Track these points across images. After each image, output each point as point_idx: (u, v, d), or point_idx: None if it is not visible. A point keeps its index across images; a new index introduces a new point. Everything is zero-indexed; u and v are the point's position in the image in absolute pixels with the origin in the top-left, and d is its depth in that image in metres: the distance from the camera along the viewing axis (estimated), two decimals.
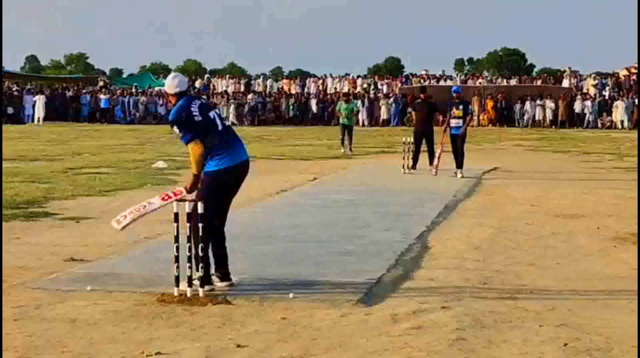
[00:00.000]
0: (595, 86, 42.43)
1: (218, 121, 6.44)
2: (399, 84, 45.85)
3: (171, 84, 6.50)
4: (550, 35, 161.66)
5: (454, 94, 16.48)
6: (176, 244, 6.09)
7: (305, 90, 46.28)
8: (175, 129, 6.36)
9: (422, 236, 8.93)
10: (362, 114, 39.81)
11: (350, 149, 21.99)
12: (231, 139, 6.49)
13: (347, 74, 48.69)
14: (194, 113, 6.33)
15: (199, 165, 6.32)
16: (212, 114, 6.45)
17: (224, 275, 6.47)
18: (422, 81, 44.19)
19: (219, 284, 6.42)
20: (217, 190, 6.36)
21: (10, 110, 38.48)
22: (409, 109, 33.26)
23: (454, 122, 15.99)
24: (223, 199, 6.46)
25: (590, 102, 39.21)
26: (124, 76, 68.86)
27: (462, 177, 15.25)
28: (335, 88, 45.66)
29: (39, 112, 40.63)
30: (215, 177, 6.34)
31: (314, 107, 42.38)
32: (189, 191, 6.37)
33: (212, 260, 6.42)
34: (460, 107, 16.06)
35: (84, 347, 4.99)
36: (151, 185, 13.99)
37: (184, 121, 6.30)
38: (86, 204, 11.55)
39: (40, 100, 41.11)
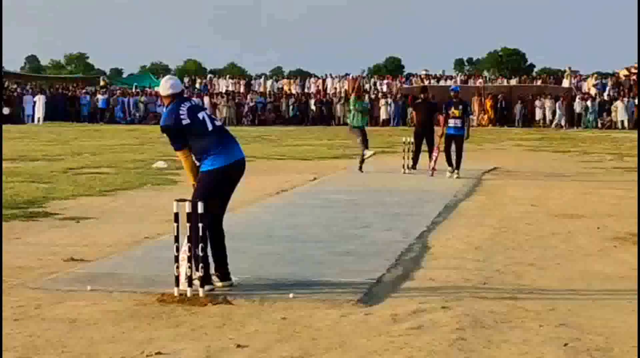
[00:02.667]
0: (595, 86, 42.45)
1: (208, 122, 6.48)
2: (399, 84, 45.88)
3: (164, 87, 6.58)
4: (550, 35, 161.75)
5: (452, 93, 16.11)
6: (176, 244, 6.09)
7: (305, 90, 46.30)
8: (166, 136, 6.48)
9: (422, 236, 8.92)
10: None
11: (363, 160, 16.49)
12: (225, 138, 6.51)
13: (347, 74, 48.71)
14: (182, 116, 6.39)
15: (192, 173, 6.45)
16: (201, 115, 6.49)
17: (224, 275, 6.47)
18: (422, 81, 44.22)
19: (218, 284, 6.42)
20: (214, 189, 6.38)
21: (6, 111, 38.24)
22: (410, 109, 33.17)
23: (452, 123, 15.65)
24: (221, 198, 6.48)
25: (590, 102, 39.23)
26: (124, 76, 68.88)
27: (458, 177, 15.13)
28: (335, 88, 45.70)
29: (39, 112, 40.65)
30: (212, 176, 6.37)
31: (313, 107, 42.40)
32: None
33: (211, 260, 6.43)
34: (460, 107, 15.70)
35: (84, 347, 4.99)
36: (151, 185, 14.00)
37: (173, 128, 6.39)
38: (86, 204, 11.55)
39: (40, 100, 41.12)
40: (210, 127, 6.45)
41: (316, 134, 31.48)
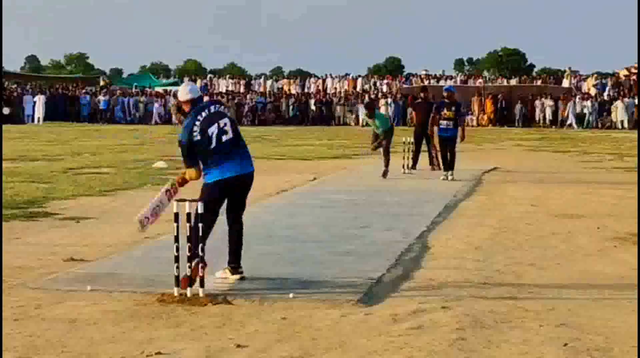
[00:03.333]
0: (595, 86, 42.46)
1: (214, 139, 6.53)
2: (399, 84, 45.89)
3: (183, 92, 6.75)
4: (550, 35, 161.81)
5: (446, 93, 15.55)
6: (176, 244, 6.10)
7: (305, 90, 46.32)
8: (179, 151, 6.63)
9: (422, 236, 8.93)
10: (362, 113, 39.81)
11: (386, 171, 15.20)
12: (224, 155, 6.56)
13: (347, 74, 48.70)
14: (194, 133, 6.51)
15: (189, 180, 6.69)
16: (211, 130, 6.54)
17: (234, 269, 6.67)
18: (422, 81, 44.23)
19: (232, 278, 6.60)
20: (209, 200, 6.46)
21: (6, 111, 38.32)
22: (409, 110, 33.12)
23: (444, 124, 15.01)
24: (219, 207, 6.66)
25: (590, 102, 39.22)
26: (124, 76, 68.91)
27: (452, 180, 14.67)
28: (335, 88, 45.72)
29: (39, 112, 40.69)
30: (211, 189, 6.55)
31: (313, 107, 42.42)
32: (180, 185, 6.75)
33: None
34: (452, 108, 15.08)
35: (84, 347, 5.00)
36: (151, 185, 13.99)
37: (185, 145, 6.53)
38: (86, 204, 11.55)
39: (40, 100, 41.14)
40: (214, 144, 6.51)
41: (316, 134, 31.47)
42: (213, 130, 6.55)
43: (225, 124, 6.65)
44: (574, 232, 9.31)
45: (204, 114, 6.58)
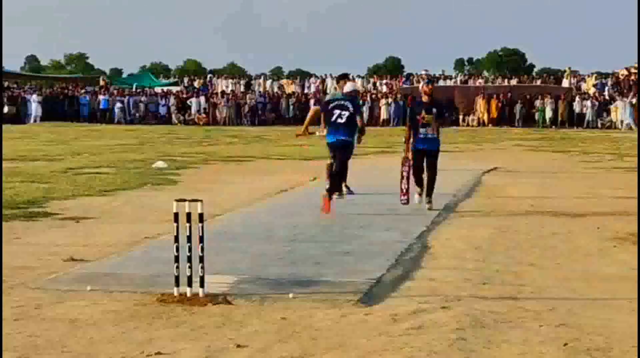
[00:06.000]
0: (595, 86, 42.48)
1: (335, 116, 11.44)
2: (400, 84, 45.90)
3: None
4: (550, 35, 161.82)
5: (424, 89, 11.25)
6: (176, 244, 6.09)
7: (305, 90, 46.32)
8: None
9: (422, 236, 8.92)
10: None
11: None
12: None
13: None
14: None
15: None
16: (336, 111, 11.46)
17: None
18: (422, 81, 44.21)
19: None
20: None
21: (6, 109, 38.40)
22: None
23: (422, 132, 11.00)
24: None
25: (590, 102, 39.24)
26: (124, 76, 68.89)
27: (430, 208, 10.90)
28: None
29: (35, 111, 40.80)
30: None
31: (313, 108, 42.43)
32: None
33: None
34: (433, 111, 10.95)
35: (84, 347, 4.99)
36: (151, 185, 14.00)
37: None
38: (86, 204, 11.55)
39: (34, 100, 41.23)
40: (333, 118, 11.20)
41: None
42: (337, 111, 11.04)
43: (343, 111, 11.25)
44: (574, 232, 9.31)
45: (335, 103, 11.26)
